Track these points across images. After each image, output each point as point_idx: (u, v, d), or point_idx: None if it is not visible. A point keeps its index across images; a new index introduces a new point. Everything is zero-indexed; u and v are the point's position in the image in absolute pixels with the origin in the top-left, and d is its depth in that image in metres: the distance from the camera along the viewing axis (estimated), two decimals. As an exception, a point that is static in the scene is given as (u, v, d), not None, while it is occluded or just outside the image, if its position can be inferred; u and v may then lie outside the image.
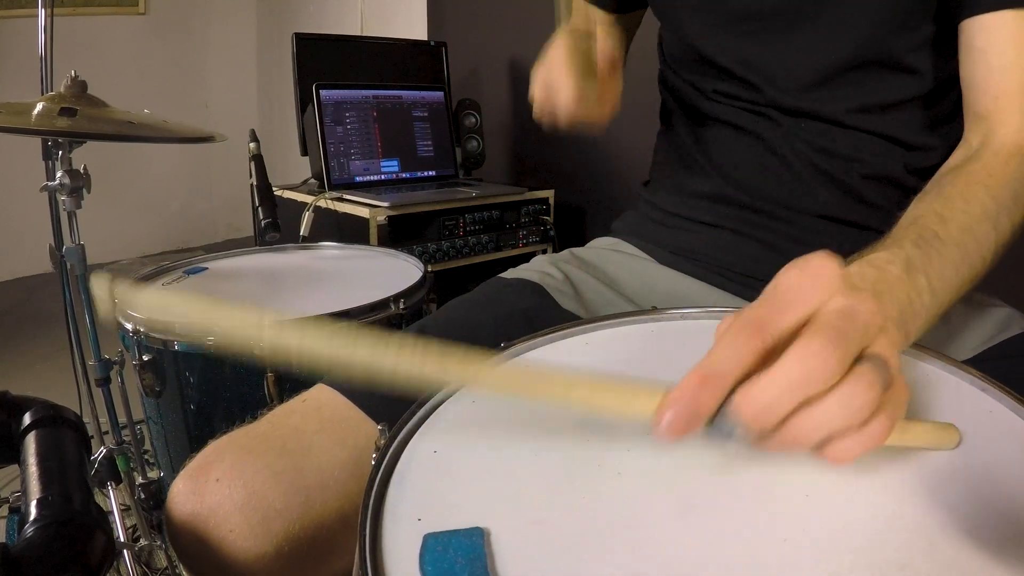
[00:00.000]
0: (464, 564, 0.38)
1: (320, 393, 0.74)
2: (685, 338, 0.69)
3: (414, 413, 0.54)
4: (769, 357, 0.40)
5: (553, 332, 0.68)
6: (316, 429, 0.69)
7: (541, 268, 0.94)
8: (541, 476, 0.47)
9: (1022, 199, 0.68)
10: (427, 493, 0.45)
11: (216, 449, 0.68)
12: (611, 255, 0.99)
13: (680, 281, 0.94)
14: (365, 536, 0.41)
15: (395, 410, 0.55)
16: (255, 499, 0.64)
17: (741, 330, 0.40)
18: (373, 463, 0.48)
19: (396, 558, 0.39)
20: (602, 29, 0.83)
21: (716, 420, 0.40)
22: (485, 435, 0.52)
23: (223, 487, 0.64)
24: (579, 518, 0.42)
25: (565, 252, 1.01)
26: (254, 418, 0.73)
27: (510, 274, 0.94)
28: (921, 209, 0.64)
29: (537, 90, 0.80)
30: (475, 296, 0.89)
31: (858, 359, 0.40)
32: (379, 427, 0.52)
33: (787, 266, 0.44)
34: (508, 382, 0.45)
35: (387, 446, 0.49)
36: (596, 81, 0.78)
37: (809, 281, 0.42)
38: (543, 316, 0.84)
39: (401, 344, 0.42)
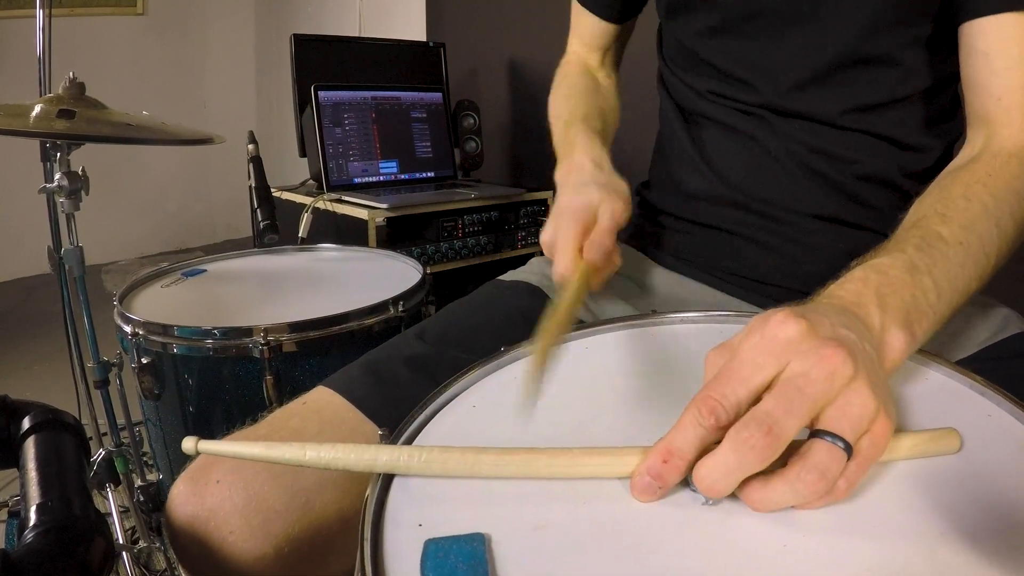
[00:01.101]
0: (465, 570, 0.38)
1: (320, 395, 0.74)
2: (685, 342, 0.69)
3: (415, 418, 0.54)
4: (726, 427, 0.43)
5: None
6: (316, 431, 0.70)
7: (540, 270, 0.94)
8: (542, 481, 0.46)
9: None
10: (428, 498, 0.45)
11: None
12: None
13: (679, 282, 0.94)
14: (366, 542, 0.41)
15: (395, 412, 0.55)
16: (255, 501, 0.64)
17: (699, 408, 0.43)
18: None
19: (397, 564, 0.39)
20: (611, 200, 0.80)
21: (691, 483, 0.44)
22: (485, 440, 0.52)
23: (223, 489, 0.65)
24: (580, 524, 0.42)
25: None
26: (254, 420, 0.73)
27: (508, 277, 0.94)
28: (923, 210, 0.64)
29: (544, 240, 0.79)
30: (474, 299, 0.90)
31: (814, 434, 0.43)
32: (380, 432, 0.51)
33: (750, 328, 0.47)
34: (502, 468, 0.47)
35: (388, 451, 0.49)
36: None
37: (767, 347, 0.44)
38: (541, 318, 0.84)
39: (411, 453, 0.47)
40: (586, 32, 1.06)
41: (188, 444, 0.47)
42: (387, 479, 0.47)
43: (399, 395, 0.72)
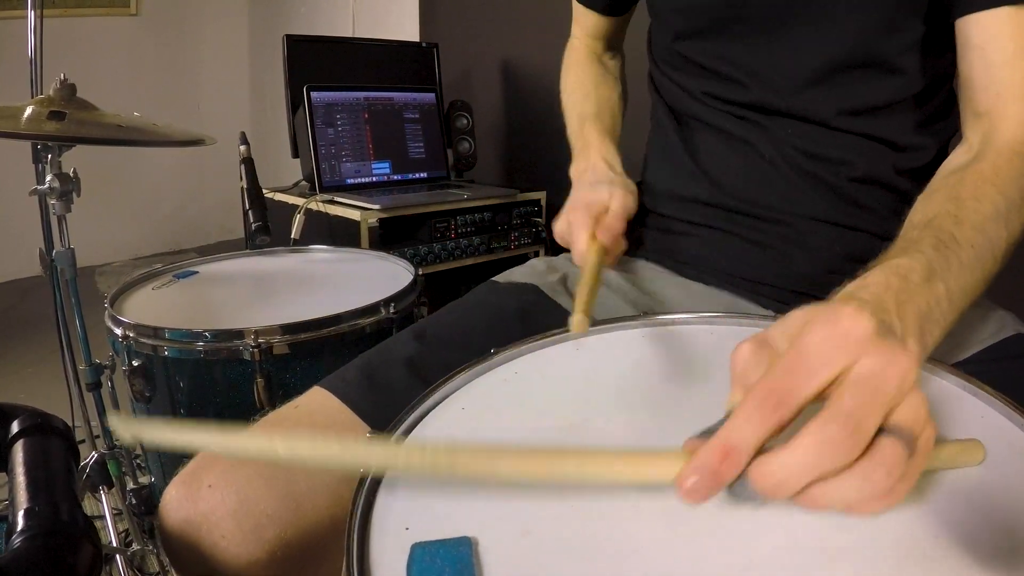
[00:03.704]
0: (451, 574, 0.38)
1: (313, 398, 0.74)
2: (677, 344, 0.69)
3: (403, 420, 0.54)
4: (788, 424, 0.40)
5: (544, 338, 0.68)
6: (308, 435, 0.69)
7: (535, 270, 0.94)
8: (530, 486, 0.46)
9: None
10: (415, 502, 0.45)
11: (208, 456, 0.68)
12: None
13: (673, 282, 0.94)
14: (352, 546, 0.41)
15: (389, 414, 0.55)
16: (247, 505, 0.64)
17: (764, 401, 0.40)
18: (361, 472, 0.48)
19: (383, 568, 0.39)
20: (621, 193, 0.90)
21: (735, 485, 0.40)
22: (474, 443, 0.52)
23: (215, 493, 0.65)
24: (567, 529, 0.42)
25: (560, 256, 1.01)
26: (246, 423, 0.73)
27: (503, 277, 0.94)
28: (933, 210, 0.64)
29: (557, 231, 0.89)
30: (469, 300, 0.89)
31: (881, 431, 0.40)
32: (368, 435, 0.51)
33: (815, 320, 0.43)
34: (522, 467, 0.44)
35: (375, 454, 0.49)
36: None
37: (838, 342, 0.41)
38: (537, 314, 0.84)
39: (409, 452, 0.46)
40: (587, 23, 1.11)
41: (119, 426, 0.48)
42: (375, 482, 0.47)
43: (394, 398, 0.72)
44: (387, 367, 0.76)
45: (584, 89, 1.07)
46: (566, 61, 1.13)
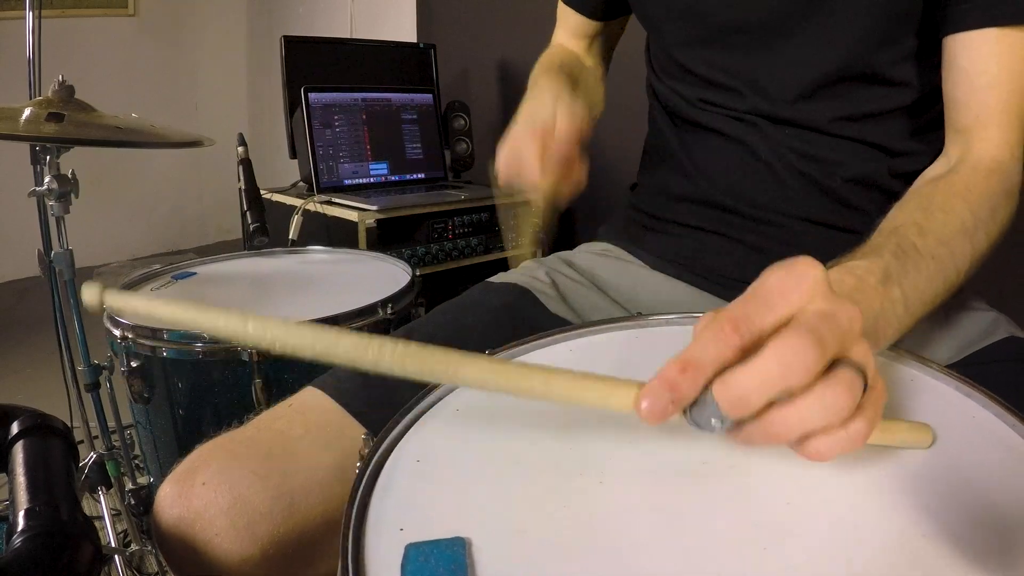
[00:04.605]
0: (445, 574, 0.38)
1: (307, 397, 0.75)
2: (669, 344, 0.68)
3: (398, 422, 0.54)
4: (748, 353, 0.41)
5: (537, 339, 0.69)
6: (301, 433, 0.70)
7: (529, 272, 0.94)
8: (523, 485, 0.47)
9: (999, 214, 0.69)
10: (410, 503, 0.46)
11: (202, 454, 0.69)
12: (599, 259, 1.00)
13: (668, 285, 0.95)
14: (348, 546, 0.41)
15: (382, 413, 0.56)
16: (240, 503, 0.65)
17: (723, 324, 0.41)
18: (357, 472, 0.48)
19: (378, 568, 0.40)
20: (570, 91, 0.84)
21: (695, 410, 0.41)
22: (468, 444, 0.53)
23: (209, 491, 0.65)
24: (560, 527, 0.43)
25: (553, 257, 1.02)
26: (241, 423, 0.74)
27: (498, 279, 0.95)
28: (901, 219, 0.65)
29: (503, 162, 0.81)
30: (462, 300, 0.90)
31: (836, 362, 0.41)
32: (363, 435, 0.52)
33: (773, 266, 0.44)
34: (488, 377, 0.45)
35: (371, 455, 0.50)
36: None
37: (793, 283, 0.43)
38: (530, 320, 0.84)
39: (382, 343, 0.44)
40: (571, 25, 1.08)
41: (90, 294, 0.48)
42: (369, 483, 0.48)
43: (386, 396, 0.72)
44: None
45: (548, 60, 1.00)
46: (538, 61, 1.05)
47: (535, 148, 0.77)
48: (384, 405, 0.61)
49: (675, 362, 0.41)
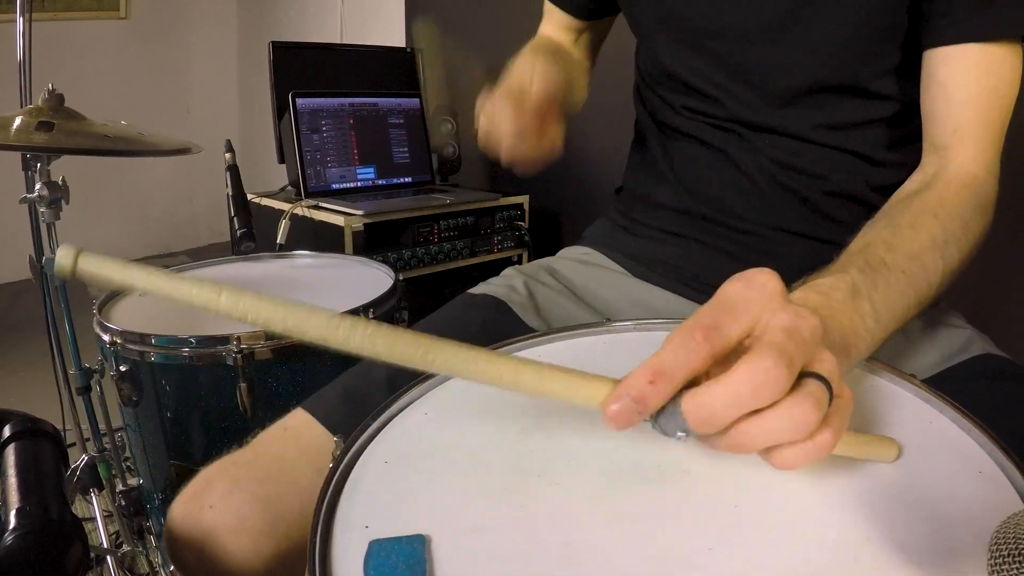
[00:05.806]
0: (404, 569, 0.41)
1: (299, 419, 0.78)
2: (637, 349, 0.70)
3: (368, 426, 0.57)
4: (716, 359, 0.42)
5: (505, 345, 0.71)
6: (295, 456, 0.74)
7: (508, 283, 0.96)
8: (483, 486, 0.50)
9: (972, 229, 0.70)
10: (376, 501, 0.48)
11: (208, 477, 0.73)
12: (580, 267, 1.01)
13: (648, 292, 0.96)
14: (316, 541, 0.44)
15: None
16: (244, 524, 0.69)
17: (693, 333, 0.42)
18: (328, 472, 0.51)
19: (343, 563, 0.43)
20: (548, 61, 0.86)
21: (662, 418, 0.42)
22: (434, 447, 0.55)
23: (216, 514, 0.70)
24: (516, 526, 0.45)
25: (535, 265, 1.03)
26: (236, 437, 0.78)
27: (478, 289, 0.96)
28: (870, 237, 0.66)
29: (482, 120, 0.84)
30: (444, 314, 0.92)
31: (802, 375, 0.42)
32: (335, 439, 0.55)
33: (732, 278, 0.46)
34: (457, 363, 0.45)
35: (341, 457, 0.53)
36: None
37: (754, 294, 0.44)
38: (504, 332, 0.86)
39: (354, 322, 0.45)
40: (556, 20, 1.08)
41: (65, 255, 0.48)
42: (339, 484, 0.50)
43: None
44: (368, 390, 0.78)
45: (532, 45, 1.00)
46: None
47: (509, 109, 0.81)
48: None
49: (645, 370, 0.41)
